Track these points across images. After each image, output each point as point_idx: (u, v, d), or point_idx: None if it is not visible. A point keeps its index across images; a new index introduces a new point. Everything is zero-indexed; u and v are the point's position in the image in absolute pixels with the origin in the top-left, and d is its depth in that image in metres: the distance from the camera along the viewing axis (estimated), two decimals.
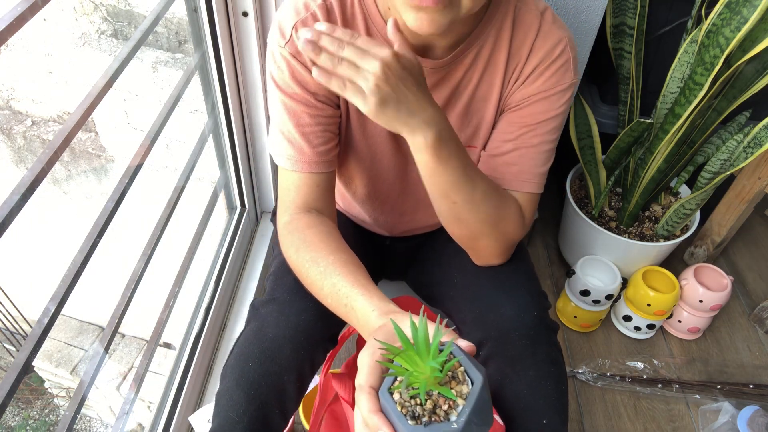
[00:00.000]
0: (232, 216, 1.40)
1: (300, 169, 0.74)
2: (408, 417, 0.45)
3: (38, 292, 3.07)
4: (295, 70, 0.70)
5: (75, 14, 2.21)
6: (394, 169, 0.84)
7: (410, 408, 0.46)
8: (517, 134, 0.75)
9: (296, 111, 0.72)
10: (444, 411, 0.45)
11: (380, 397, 0.47)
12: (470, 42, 0.71)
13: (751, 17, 0.93)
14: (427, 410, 0.45)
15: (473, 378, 0.46)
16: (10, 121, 2.63)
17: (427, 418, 0.45)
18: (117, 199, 0.82)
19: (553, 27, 0.72)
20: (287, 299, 0.76)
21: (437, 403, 0.46)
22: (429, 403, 0.45)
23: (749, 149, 1.16)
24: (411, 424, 0.44)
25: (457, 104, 0.76)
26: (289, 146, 0.74)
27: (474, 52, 0.72)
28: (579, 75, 1.18)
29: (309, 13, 0.68)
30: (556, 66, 0.73)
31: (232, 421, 0.71)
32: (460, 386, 0.46)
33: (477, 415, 0.45)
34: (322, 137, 0.74)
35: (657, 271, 1.35)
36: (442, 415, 0.45)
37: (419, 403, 0.46)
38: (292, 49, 0.69)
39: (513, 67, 0.74)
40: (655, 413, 1.25)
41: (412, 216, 0.93)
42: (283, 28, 0.69)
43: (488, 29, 0.71)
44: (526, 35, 0.72)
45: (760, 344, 1.41)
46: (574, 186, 1.48)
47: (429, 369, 0.45)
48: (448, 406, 0.45)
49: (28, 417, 4.43)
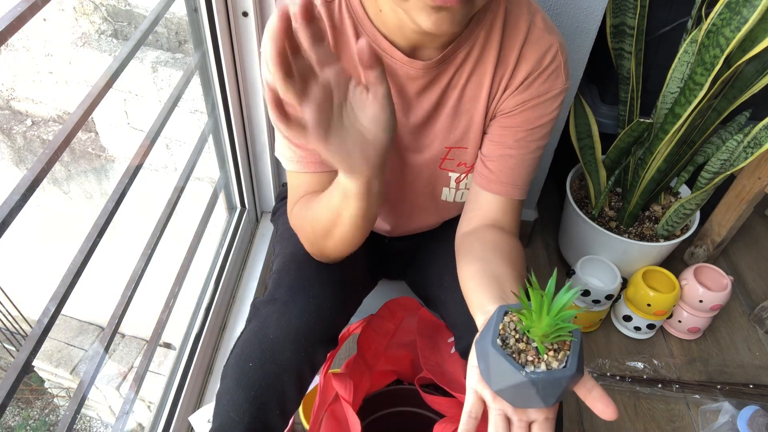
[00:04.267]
0: (232, 216, 1.40)
1: (308, 169, 0.75)
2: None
3: (38, 292, 3.06)
4: None
5: (75, 14, 2.21)
6: (389, 170, 0.84)
7: (524, 361, 0.49)
8: (513, 140, 0.76)
9: None
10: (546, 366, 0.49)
11: (488, 349, 0.50)
12: (460, 42, 0.71)
13: (751, 17, 0.93)
14: (541, 363, 0.49)
15: (573, 334, 0.50)
16: (10, 121, 2.63)
17: (543, 367, 0.49)
18: (117, 199, 0.82)
19: (544, 33, 0.72)
20: (289, 299, 0.76)
21: (547, 361, 0.50)
22: (543, 364, 0.49)
23: (749, 149, 1.16)
24: (533, 372, 0.48)
25: (446, 105, 0.77)
26: (296, 149, 0.74)
27: (464, 52, 0.72)
28: (574, 78, 1.18)
29: None
30: (547, 72, 0.73)
31: (233, 421, 0.71)
32: (564, 351, 0.50)
33: (580, 363, 0.49)
34: None
35: (657, 271, 1.35)
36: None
37: (531, 358, 0.49)
38: None
39: (503, 70, 0.74)
40: (655, 413, 1.25)
41: (410, 217, 0.93)
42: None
43: (478, 30, 0.71)
44: (515, 39, 0.72)
45: (760, 344, 1.41)
46: (574, 186, 1.48)
47: (547, 325, 0.48)
48: (557, 363, 0.49)
49: (28, 417, 4.43)
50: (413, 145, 0.81)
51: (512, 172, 0.77)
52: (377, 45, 0.70)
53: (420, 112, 0.77)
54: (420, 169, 0.84)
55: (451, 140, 0.79)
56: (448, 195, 0.87)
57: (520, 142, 0.76)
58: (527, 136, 0.76)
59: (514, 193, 0.78)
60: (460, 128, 0.79)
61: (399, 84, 0.74)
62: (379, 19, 0.69)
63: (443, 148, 0.80)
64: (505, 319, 0.52)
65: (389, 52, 0.70)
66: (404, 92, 0.75)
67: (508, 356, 0.49)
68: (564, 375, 0.48)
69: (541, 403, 0.49)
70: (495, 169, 0.77)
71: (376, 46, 0.70)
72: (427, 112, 0.77)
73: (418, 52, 0.71)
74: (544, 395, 0.48)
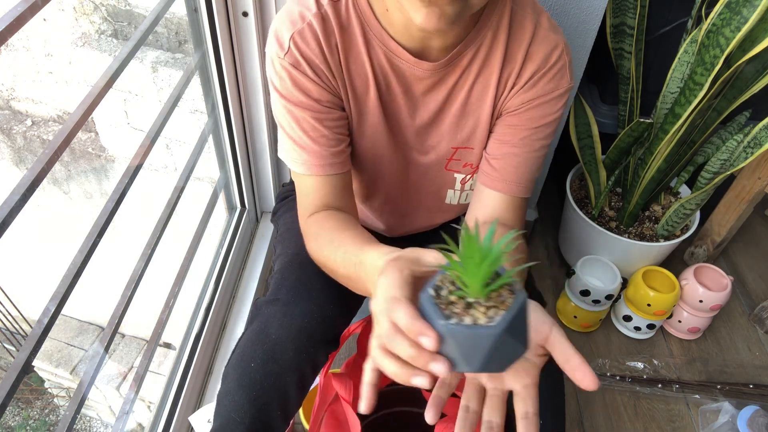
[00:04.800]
0: (232, 216, 1.40)
1: (315, 173, 0.74)
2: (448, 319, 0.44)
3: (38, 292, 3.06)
4: (296, 80, 0.70)
5: (75, 14, 2.21)
6: (394, 170, 0.84)
7: (450, 313, 0.45)
8: (518, 138, 0.76)
9: (303, 117, 0.72)
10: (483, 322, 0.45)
11: (421, 300, 0.46)
12: (467, 44, 0.71)
13: (751, 17, 0.93)
14: (468, 317, 0.44)
15: (516, 296, 0.46)
16: (10, 121, 2.63)
17: (469, 320, 0.44)
18: (117, 199, 0.82)
19: (549, 32, 0.72)
20: (291, 300, 0.76)
21: (475, 316, 0.45)
22: (468, 318, 0.44)
23: (749, 149, 1.16)
24: (453, 323, 0.43)
25: (453, 105, 0.77)
26: (302, 152, 0.74)
27: (470, 54, 0.72)
28: (575, 79, 1.18)
29: (305, 24, 0.68)
30: (553, 72, 0.73)
31: (234, 421, 0.71)
32: (499, 310, 0.45)
33: (515, 327, 0.44)
34: (332, 140, 0.74)
35: (657, 271, 1.35)
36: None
37: (459, 311, 0.45)
38: (292, 60, 0.69)
39: (509, 71, 0.74)
40: (655, 413, 1.25)
41: (413, 218, 0.93)
42: (280, 39, 0.69)
43: (484, 31, 0.71)
44: (522, 39, 0.72)
45: (760, 344, 1.41)
46: (574, 186, 1.48)
47: (481, 276, 0.44)
48: (486, 319, 0.44)
49: (28, 417, 4.43)
50: (419, 146, 0.81)
51: (516, 170, 0.77)
52: (384, 45, 0.70)
53: (426, 112, 0.77)
54: (426, 170, 0.84)
55: (457, 140, 0.80)
56: (452, 198, 0.88)
57: (525, 141, 0.76)
58: (532, 134, 0.76)
59: (519, 191, 0.78)
60: (467, 128, 0.79)
61: (405, 84, 0.74)
62: (386, 18, 0.69)
63: (450, 149, 0.80)
64: (447, 273, 0.48)
65: (396, 53, 0.70)
66: (411, 92, 0.75)
67: (433, 304, 0.45)
68: (487, 332, 0.43)
69: (464, 365, 0.45)
70: (499, 167, 0.77)
71: (383, 46, 0.70)
72: (434, 112, 0.77)
73: (426, 53, 0.71)
74: (467, 354, 0.44)
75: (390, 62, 0.72)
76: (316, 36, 0.68)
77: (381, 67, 0.72)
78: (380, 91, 0.74)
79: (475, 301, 0.45)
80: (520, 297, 0.45)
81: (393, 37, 0.70)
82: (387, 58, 0.71)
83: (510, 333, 0.44)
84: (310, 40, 0.68)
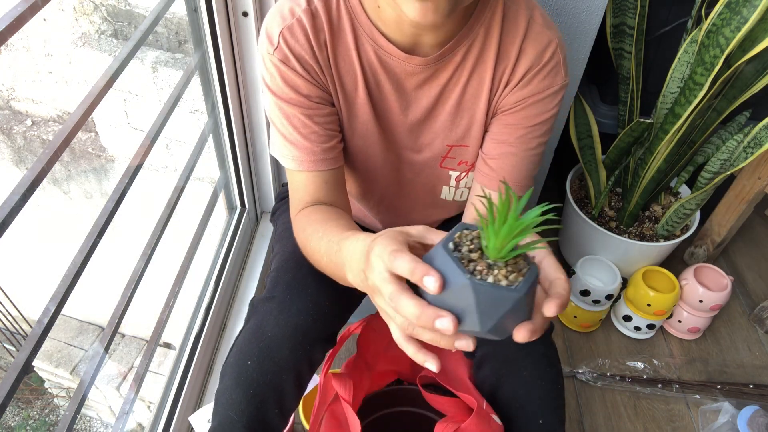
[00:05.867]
0: (232, 216, 1.40)
1: (306, 168, 0.75)
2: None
3: (38, 292, 3.07)
4: (285, 76, 0.70)
5: (75, 14, 2.21)
6: (387, 168, 0.84)
7: (473, 269, 0.44)
8: (514, 137, 0.76)
9: (294, 113, 0.72)
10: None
11: (435, 253, 0.46)
12: (459, 40, 0.71)
13: (751, 17, 0.93)
14: (490, 276, 0.44)
15: (531, 266, 0.46)
16: (10, 121, 2.63)
17: (491, 280, 0.43)
18: (117, 199, 0.82)
19: (543, 29, 0.72)
20: (286, 297, 0.76)
21: (497, 277, 0.45)
22: (491, 278, 0.44)
23: (749, 149, 1.16)
24: (478, 279, 0.43)
25: (447, 102, 0.76)
26: (293, 147, 0.74)
27: (463, 50, 0.72)
28: (573, 77, 1.18)
29: (295, 19, 0.68)
30: (547, 69, 0.73)
31: (232, 420, 0.71)
32: (518, 276, 0.45)
33: (530, 295, 0.45)
34: (323, 136, 0.74)
35: (657, 271, 1.35)
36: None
37: (481, 269, 0.44)
38: (281, 56, 0.69)
39: (503, 67, 0.74)
40: (655, 413, 1.25)
41: (408, 215, 0.93)
42: (270, 35, 0.69)
43: (477, 27, 0.71)
44: (515, 35, 0.72)
45: (760, 344, 1.41)
46: (574, 186, 1.48)
47: (509, 239, 0.44)
48: (507, 282, 0.44)
49: (28, 417, 4.43)
50: (412, 144, 0.81)
51: (514, 169, 0.77)
52: (374, 41, 0.70)
53: (419, 109, 0.77)
54: (420, 167, 0.84)
55: (452, 138, 0.79)
56: (447, 194, 0.87)
57: (521, 140, 0.76)
58: (528, 133, 0.76)
59: (517, 190, 0.78)
60: (462, 126, 0.79)
61: (396, 80, 0.74)
62: (377, 15, 0.69)
63: (444, 146, 0.80)
64: (465, 232, 0.48)
65: (386, 49, 0.70)
66: (402, 88, 0.75)
67: (456, 259, 0.44)
68: (511, 295, 0.43)
69: (477, 324, 0.45)
70: (496, 167, 0.77)
71: (373, 43, 0.70)
72: (427, 109, 0.77)
73: (417, 49, 0.71)
74: (483, 313, 0.44)
75: (379, 58, 0.71)
76: (305, 32, 0.68)
77: (370, 63, 0.72)
78: (369, 88, 0.74)
79: (495, 264, 0.45)
80: (534, 268, 0.46)
81: (384, 34, 0.70)
82: (376, 55, 0.71)
83: (527, 300, 0.45)
84: (299, 36, 0.68)
